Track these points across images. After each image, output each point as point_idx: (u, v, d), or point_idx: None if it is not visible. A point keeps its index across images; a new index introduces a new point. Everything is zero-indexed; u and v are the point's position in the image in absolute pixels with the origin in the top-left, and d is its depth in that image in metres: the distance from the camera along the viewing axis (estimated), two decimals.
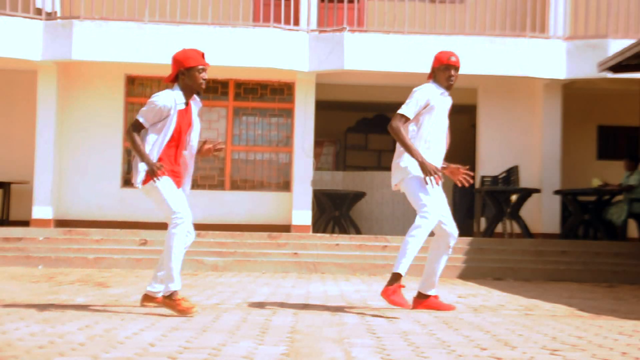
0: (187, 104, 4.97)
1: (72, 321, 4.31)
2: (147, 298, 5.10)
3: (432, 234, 5.31)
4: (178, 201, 4.83)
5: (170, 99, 4.88)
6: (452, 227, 5.28)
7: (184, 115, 4.95)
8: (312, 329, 4.24)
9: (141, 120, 4.87)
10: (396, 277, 5.01)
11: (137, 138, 4.86)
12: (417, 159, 5.07)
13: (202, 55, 4.99)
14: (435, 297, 5.45)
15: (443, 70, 5.29)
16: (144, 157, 4.80)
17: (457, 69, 5.31)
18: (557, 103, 11.81)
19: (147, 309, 5.00)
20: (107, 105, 11.99)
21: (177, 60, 4.96)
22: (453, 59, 5.29)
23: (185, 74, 4.91)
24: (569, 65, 11.31)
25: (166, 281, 4.81)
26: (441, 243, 5.30)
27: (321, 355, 3.38)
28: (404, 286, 5.09)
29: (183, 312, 4.68)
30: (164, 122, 4.88)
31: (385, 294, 5.00)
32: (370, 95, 13.67)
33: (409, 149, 5.10)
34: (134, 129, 4.87)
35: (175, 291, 4.76)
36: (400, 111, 5.16)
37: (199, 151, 5.16)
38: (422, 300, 5.42)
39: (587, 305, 6.01)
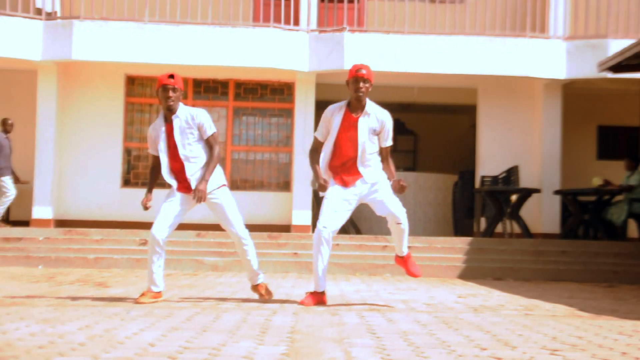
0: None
1: (72, 321, 4.31)
2: (254, 288, 5.79)
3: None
4: (159, 219, 5.49)
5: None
6: (393, 211, 5.50)
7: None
8: (312, 329, 4.24)
9: None
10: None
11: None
12: (317, 180, 5.53)
13: (167, 75, 5.48)
14: (408, 256, 5.81)
15: (352, 83, 5.43)
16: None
17: (365, 80, 5.41)
18: (557, 103, 11.81)
19: (146, 309, 5.01)
20: (107, 105, 12.00)
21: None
22: (362, 71, 5.40)
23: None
24: (569, 65, 11.31)
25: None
26: (390, 222, 5.60)
27: (321, 355, 3.38)
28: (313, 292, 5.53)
29: (136, 300, 5.42)
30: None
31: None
32: (370, 95, 13.64)
33: (313, 170, 5.59)
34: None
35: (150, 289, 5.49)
36: (314, 133, 5.68)
37: None
38: (398, 257, 5.85)
39: (587, 305, 6.01)
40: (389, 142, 5.60)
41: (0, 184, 10.82)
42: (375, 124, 5.49)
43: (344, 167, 5.51)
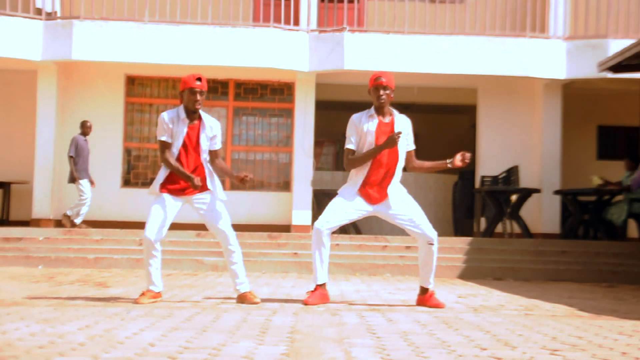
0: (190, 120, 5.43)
1: (72, 321, 4.31)
2: (242, 297, 5.52)
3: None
4: (151, 222, 5.43)
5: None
6: (424, 230, 5.46)
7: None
8: (312, 329, 4.23)
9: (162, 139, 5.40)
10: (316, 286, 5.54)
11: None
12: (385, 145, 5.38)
13: (195, 78, 5.35)
14: (433, 292, 5.65)
15: (373, 91, 5.49)
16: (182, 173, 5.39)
17: (385, 87, 5.44)
18: (557, 103, 11.82)
19: (146, 309, 5.01)
20: (107, 105, 12.00)
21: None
22: (381, 79, 5.43)
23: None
24: (569, 65, 11.31)
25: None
26: (420, 242, 5.54)
27: (321, 355, 3.38)
28: (315, 290, 5.51)
29: (136, 300, 5.36)
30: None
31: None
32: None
33: (368, 156, 5.41)
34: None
35: (149, 289, 5.43)
36: (346, 146, 5.52)
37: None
38: (420, 295, 5.68)
39: (587, 305, 6.01)
40: (412, 146, 5.59)
41: (77, 187, 10.69)
42: (403, 127, 5.51)
43: (377, 179, 5.46)
